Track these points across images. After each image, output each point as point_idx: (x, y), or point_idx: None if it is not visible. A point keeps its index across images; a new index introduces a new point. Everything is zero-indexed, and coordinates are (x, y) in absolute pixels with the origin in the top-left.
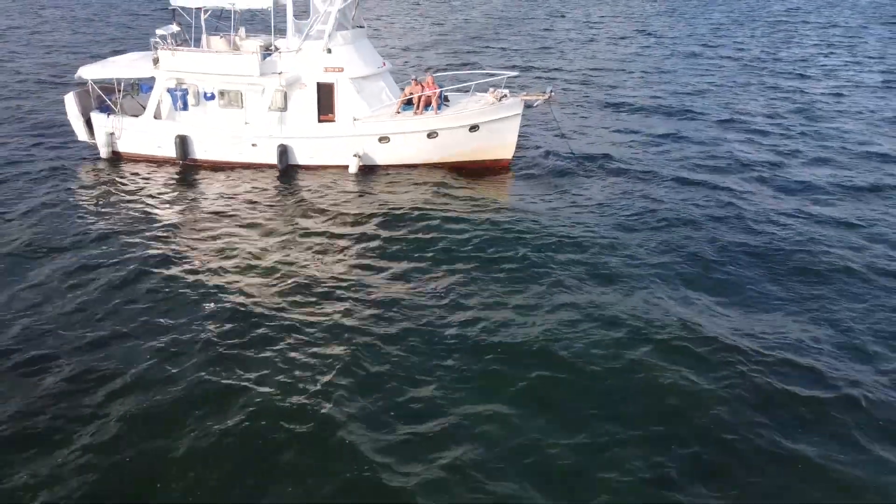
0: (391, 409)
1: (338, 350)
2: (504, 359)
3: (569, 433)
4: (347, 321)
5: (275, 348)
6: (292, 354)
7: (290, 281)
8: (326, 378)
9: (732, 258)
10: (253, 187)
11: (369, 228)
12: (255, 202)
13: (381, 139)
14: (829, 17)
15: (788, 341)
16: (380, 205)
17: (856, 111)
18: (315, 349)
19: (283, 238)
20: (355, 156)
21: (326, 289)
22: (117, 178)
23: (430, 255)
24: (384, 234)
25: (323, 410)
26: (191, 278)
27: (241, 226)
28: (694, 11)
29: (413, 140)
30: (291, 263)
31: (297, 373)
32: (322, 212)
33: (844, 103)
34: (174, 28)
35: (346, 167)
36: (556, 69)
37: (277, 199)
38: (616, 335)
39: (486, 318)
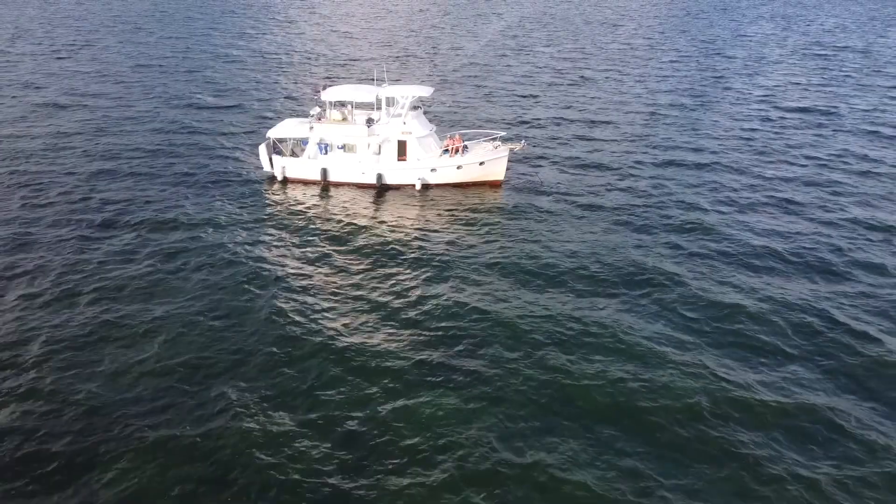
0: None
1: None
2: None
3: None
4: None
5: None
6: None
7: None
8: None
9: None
10: (361, 195)
11: (425, 226)
12: (363, 201)
13: (432, 170)
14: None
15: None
16: (427, 212)
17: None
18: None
19: (375, 219)
20: (419, 179)
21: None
22: (287, 190)
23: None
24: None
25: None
26: (319, 238)
27: (351, 213)
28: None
29: (449, 170)
30: (381, 236)
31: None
32: (400, 208)
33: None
34: (317, 109)
35: (413, 185)
36: (531, 119)
37: (373, 202)
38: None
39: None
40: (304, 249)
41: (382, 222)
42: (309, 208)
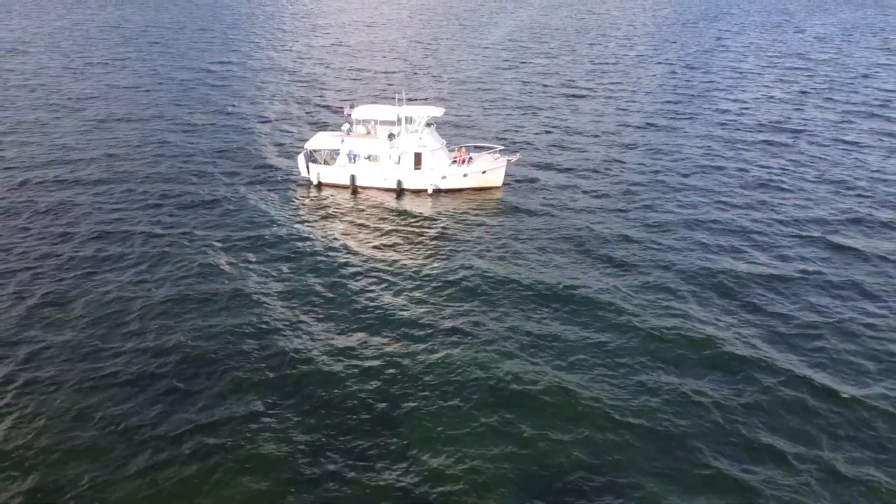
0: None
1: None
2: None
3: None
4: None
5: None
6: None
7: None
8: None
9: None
10: (383, 197)
11: (434, 225)
12: (385, 203)
13: (442, 177)
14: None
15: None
16: (439, 211)
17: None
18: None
19: (398, 215)
20: (431, 184)
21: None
22: (321, 194)
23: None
24: (440, 229)
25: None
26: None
27: (376, 212)
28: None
29: (457, 178)
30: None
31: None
32: (415, 208)
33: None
34: (347, 126)
35: (427, 190)
36: (526, 132)
37: (393, 203)
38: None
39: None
40: (335, 239)
41: (402, 219)
42: (340, 207)
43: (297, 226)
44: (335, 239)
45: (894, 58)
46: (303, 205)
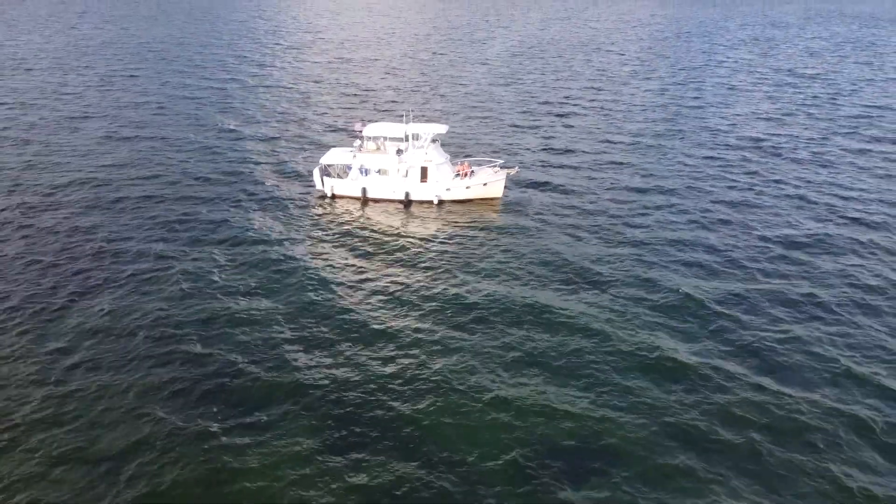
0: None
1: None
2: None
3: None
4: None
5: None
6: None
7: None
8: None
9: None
10: (392, 208)
11: (441, 235)
12: (394, 213)
13: (447, 189)
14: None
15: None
16: (443, 220)
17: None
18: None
19: (403, 224)
20: (436, 196)
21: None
22: (335, 204)
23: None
24: (447, 240)
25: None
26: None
27: (385, 221)
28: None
29: (460, 190)
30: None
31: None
32: (422, 218)
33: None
34: (359, 142)
35: (432, 201)
36: (523, 147)
37: (401, 213)
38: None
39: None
40: (348, 246)
41: (409, 228)
42: (352, 217)
43: (313, 234)
44: (348, 246)
45: (880, 73)
46: (318, 215)
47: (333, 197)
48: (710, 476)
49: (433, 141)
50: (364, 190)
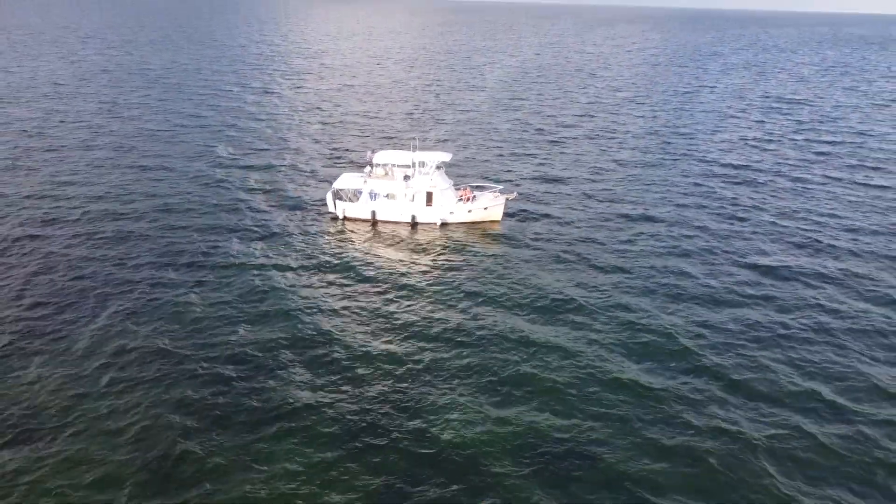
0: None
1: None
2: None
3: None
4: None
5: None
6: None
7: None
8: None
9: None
10: (400, 230)
11: (443, 254)
12: (401, 234)
13: (450, 213)
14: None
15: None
16: (447, 241)
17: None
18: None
19: (413, 245)
20: (440, 219)
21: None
22: (346, 226)
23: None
24: (450, 260)
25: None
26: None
27: (393, 241)
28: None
29: (462, 213)
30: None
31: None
32: (427, 239)
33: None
34: (369, 168)
35: (436, 223)
36: (521, 173)
37: (408, 234)
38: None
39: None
40: (359, 264)
41: (415, 248)
42: (363, 237)
43: (328, 252)
44: (359, 264)
45: (864, 99)
46: (332, 236)
47: (345, 219)
48: (671, 481)
49: (438, 168)
50: (373, 213)
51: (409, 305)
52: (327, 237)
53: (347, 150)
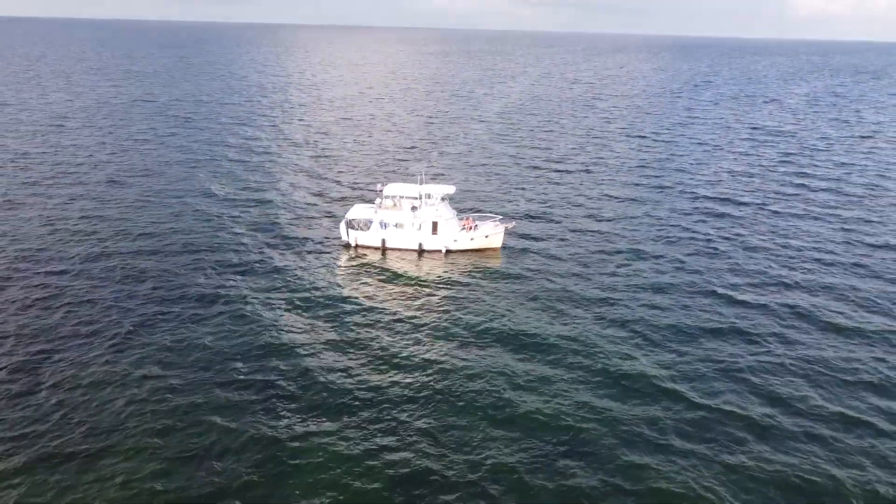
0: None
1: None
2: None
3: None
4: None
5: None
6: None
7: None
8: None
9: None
10: (407, 257)
11: (447, 283)
12: (409, 261)
13: (454, 241)
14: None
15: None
16: (451, 267)
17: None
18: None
19: (420, 272)
20: (445, 246)
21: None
22: (357, 254)
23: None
24: (454, 284)
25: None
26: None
27: (401, 267)
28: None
29: (465, 241)
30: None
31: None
32: (433, 265)
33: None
34: (379, 200)
35: (441, 251)
36: (519, 204)
37: (415, 261)
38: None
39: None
40: (369, 287)
41: (421, 274)
42: (373, 264)
43: (341, 278)
44: (370, 288)
45: (847, 130)
46: (345, 262)
47: (357, 247)
48: (659, 470)
49: (442, 199)
50: (383, 241)
51: (416, 323)
52: (341, 264)
53: (350, 182)
